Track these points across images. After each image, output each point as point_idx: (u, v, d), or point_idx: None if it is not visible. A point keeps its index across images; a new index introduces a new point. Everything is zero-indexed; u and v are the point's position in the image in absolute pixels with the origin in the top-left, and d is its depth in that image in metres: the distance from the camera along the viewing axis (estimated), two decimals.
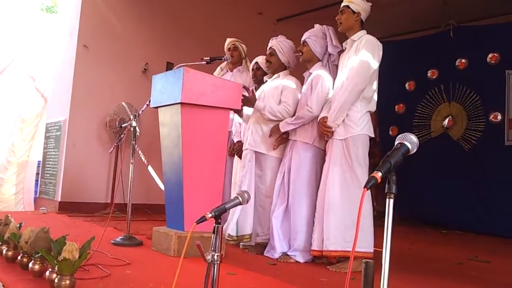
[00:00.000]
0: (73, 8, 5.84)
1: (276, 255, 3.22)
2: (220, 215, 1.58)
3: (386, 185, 1.16)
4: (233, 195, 3.71)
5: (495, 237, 5.53)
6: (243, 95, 3.34)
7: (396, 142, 1.23)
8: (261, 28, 6.61)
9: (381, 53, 2.99)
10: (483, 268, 3.53)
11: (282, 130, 3.35)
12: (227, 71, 4.43)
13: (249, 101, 3.42)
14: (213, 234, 1.57)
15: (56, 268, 1.98)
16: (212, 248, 1.56)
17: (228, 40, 4.43)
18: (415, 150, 1.22)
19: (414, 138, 1.23)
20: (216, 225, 1.57)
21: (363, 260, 1.31)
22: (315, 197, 3.17)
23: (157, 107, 3.29)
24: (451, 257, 3.88)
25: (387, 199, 1.15)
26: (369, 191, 1.22)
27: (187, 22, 6.33)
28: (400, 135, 1.25)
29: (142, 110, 3.63)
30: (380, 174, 1.13)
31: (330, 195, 2.96)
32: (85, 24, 5.60)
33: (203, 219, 1.56)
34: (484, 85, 6.02)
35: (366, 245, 2.89)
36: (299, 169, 3.27)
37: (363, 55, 2.94)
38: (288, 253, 3.21)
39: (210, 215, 1.56)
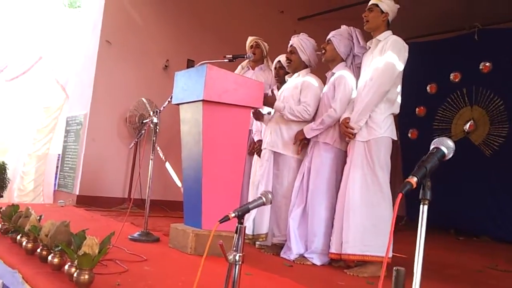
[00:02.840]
0: (96, 3, 5.89)
1: (292, 256, 3.19)
2: (243, 215, 1.56)
3: (421, 190, 1.13)
4: (250, 194, 3.73)
5: None
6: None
7: (431, 147, 1.19)
8: (282, 26, 6.57)
9: (407, 54, 2.94)
10: (504, 277, 3.46)
11: (308, 136, 3.29)
12: (249, 69, 4.41)
13: (268, 101, 3.39)
14: (235, 234, 1.55)
15: (75, 262, 1.98)
16: (234, 248, 1.54)
17: (250, 38, 4.41)
18: (451, 155, 1.18)
19: (451, 143, 1.19)
20: (239, 225, 1.55)
21: (394, 268, 1.28)
22: (335, 199, 3.13)
23: (178, 104, 3.29)
24: (470, 265, 3.81)
25: (421, 205, 1.12)
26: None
27: (208, 19, 6.33)
28: (436, 139, 1.21)
29: (164, 107, 3.62)
30: (415, 179, 1.10)
31: (350, 198, 2.92)
32: (108, 20, 5.64)
33: (226, 219, 1.54)
34: (508, 89, 5.90)
35: (384, 249, 2.84)
36: (319, 170, 3.23)
37: (389, 56, 2.89)
38: (305, 255, 3.18)
39: (233, 215, 1.54)
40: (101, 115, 5.59)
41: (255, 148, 3.96)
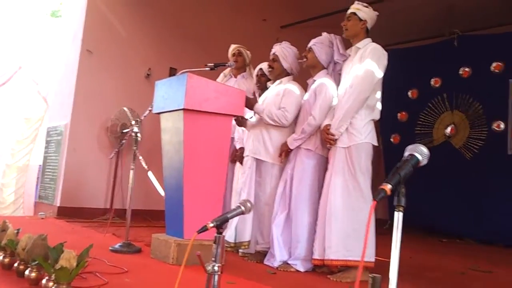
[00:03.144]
0: (77, 13, 5.83)
1: (276, 263, 3.18)
2: (221, 224, 1.55)
3: (395, 197, 1.13)
4: (233, 202, 3.71)
5: (496, 247, 5.49)
6: None
7: (406, 153, 1.20)
8: (265, 34, 6.60)
9: (386, 62, 2.97)
10: (486, 278, 3.50)
11: (292, 147, 3.30)
12: (231, 77, 4.41)
13: (249, 103, 3.40)
14: (214, 244, 1.54)
15: (53, 276, 1.94)
16: (213, 259, 1.52)
17: (233, 46, 4.41)
18: (425, 162, 1.19)
19: (425, 149, 1.19)
20: (218, 235, 1.54)
21: (369, 275, 1.27)
22: (317, 205, 3.13)
23: (159, 113, 3.27)
24: (453, 267, 3.85)
25: (396, 212, 1.11)
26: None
27: (190, 28, 6.32)
28: (410, 146, 1.21)
29: (145, 116, 3.60)
30: (389, 186, 1.10)
31: (332, 203, 2.93)
32: (89, 29, 5.58)
33: (204, 229, 1.52)
34: (487, 94, 6.01)
35: (367, 254, 2.85)
36: (302, 176, 3.23)
37: (368, 63, 2.91)
38: (289, 262, 3.17)
39: (211, 225, 1.53)
40: (82, 125, 5.52)
41: (237, 155, 3.95)
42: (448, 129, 6.37)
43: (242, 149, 3.92)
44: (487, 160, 5.95)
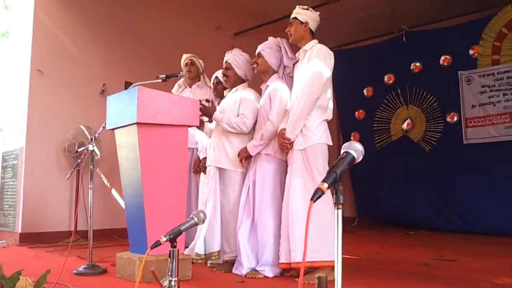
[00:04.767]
0: (24, 32, 5.68)
1: (244, 271, 3.17)
2: (175, 238, 1.54)
3: (334, 195, 1.15)
4: None
5: (460, 234, 5.66)
6: (201, 105, 3.31)
7: (341, 151, 1.22)
8: (219, 42, 6.60)
9: (332, 61, 3.03)
10: (449, 266, 3.59)
11: (253, 154, 3.31)
12: (186, 87, 4.40)
13: (207, 111, 3.40)
14: (169, 258, 1.52)
15: None
16: (169, 273, 1.51)
17: (185, 55, 4.41)
18: (360, 158, 1.22)
19: (359, 146, 1.22)
20: (172, 249, 1.52)
21: (315, 276, 1.29)
22: (281, 209, 3.15)
23: (113, 129, 3.21)
24: (417, 258, 3.93)
25: (336, 210, 1.13)
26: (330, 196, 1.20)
27: (144, 40, 6.25)
28: (345, 143, 1.24)
29: (99, 133, 3.53)
30: (326, 185, 1.12)
31: (293, 206, 2.95)
32: (37, 48, 5.44)
33: (157, 244, 1.51)
34: (439, 87, 6.21)
35: (330, 253, 2.88)
36: (263, 182, 3.25)
37: (315, 64, 2.97)
38: (257, 269, 3.17)
39: (164, 239, 1.52)
40: (39, 146, 5.37)
41: (201, 166, 3.93)
42: (405, 124, 6.55)
43: (205, 159, 3.91)
44: (445, 151, 6.16)
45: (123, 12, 6.10)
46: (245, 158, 3.36)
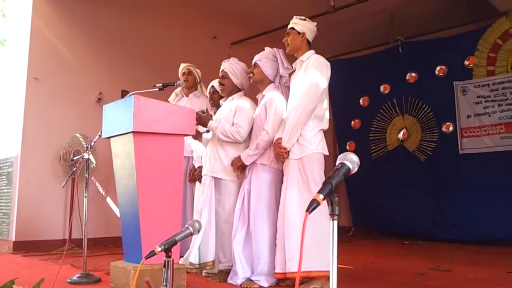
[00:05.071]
0: (21, 40, 5.68)
1: (239, 281, 3.15)
2: (170, 248, 1.53)
3: (329, 207, 1.15)
4: None
5: (456, 244, 5.66)
6: (197, 114, 3.32)
7: (337, 162, 1.22)
8: (216, 52, 6.63)
9: (329, 72, 3.05)
10: (445, 277, 3.58)
11: (247, 163, 3.31)
12: (183, 96, 4.41)
13: (202, 120, 3.40)
14: (164, 268, 1.52)
15: None
16: (164, 283, 1.50)
17: (182, 65, 4.42)
18: (356, 169, 1.22)
19: (354, 157, 1.22)
20: (167, 259, 1.52)
21: (311, 286, 1.29)
22: (276, 219, 3.14)
23: (109, 137, 3.21)
24: (413, 268, 3.92)
25: (331, 221, 1.13)
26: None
27: (141, 49, 6.27)
28: (341, 154, 1.24)
29: (94, 141, 3.53)
30: (321, 196, 1.12)
31: (289, 216, 2.95)
32: (34, 56, 5.44)
33: (152, 254, 1.51)
34: (435, 97, 6.25)
35: (325, 263, 2.87)
36: (259, 191, 3.24)
37: (312, 74, 2.98)
38: (252, 278, 3.15)
39: (159, 249, 1.51)
40: (34, 154, 5.35)
41: (196, 174, 3.93)
42: (401, 134, 6.57)
43: (200, 167, 3.90)
44: (440, 161, 6.17)
45: (120, 21, 6.12)
46: (239, 167, 3.36)
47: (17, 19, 6.07)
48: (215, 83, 3.91)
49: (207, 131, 3.59)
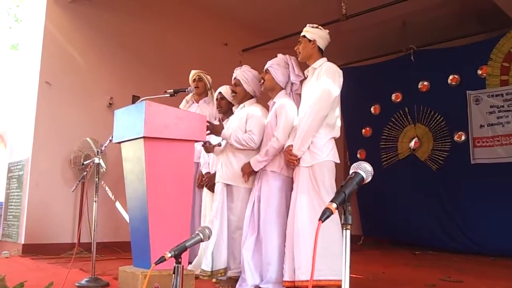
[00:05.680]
0: (34, 45, 5.75)
1: None
2: (180, 254, 1.52)
3: (342, 216, 1.13)
4: None
5: (468, 255, 5.58)
6: (209, 123, 3.31)
7: (350, 171, 1.21)
8: (227, 58, 6.66)
9: (341, 79, 3.03)
10: None
11: (256, 169, 3.29)
12: (193, 102, 4.41)
13: (215, 129, 3.39)
14: (173, 275, 1.50)
15: None
16: None
17: (193, 71, 4.43)
18: (370, 179, 1.20)
19: (368, 166, 1.21)
20: (177, 265, 1.50)
21: None
22: (286, 226, 3.11)
23: (120, 142, 3.22)
24: (424, 279, 3.87)
25: (344, 230, 1.11)
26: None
27: (152, 55, 6.31)
28: (355, 164, 1.23)
29: (105, 146, 3.54)
30: (334, 205, 1.10)
31: (299, 223, 2.92)
32: (46, 61, 5.49)
33: (162, 260, 1.49)
34: (447, 106, 6.20)
35: (337, 272, 2.84)
36: (268, 198, 3.22)
37: (324, 82, 2.96)
38: (260, 286, 3.12)
39: (169, 255, 1.50)
40: (44, 158, 5.38)
41: (204, 181, 3.91)
42: (412, 143, 6.52)
43: (208, 173, 3.89)
44: (452, 170, 6.11)
45: (132, 27, 6.17)
46: (248, 173, 3.34)
47: (30, 24, 6.14)
48: (223, 89, 3.91)
49: (219, 145, 3.58)
